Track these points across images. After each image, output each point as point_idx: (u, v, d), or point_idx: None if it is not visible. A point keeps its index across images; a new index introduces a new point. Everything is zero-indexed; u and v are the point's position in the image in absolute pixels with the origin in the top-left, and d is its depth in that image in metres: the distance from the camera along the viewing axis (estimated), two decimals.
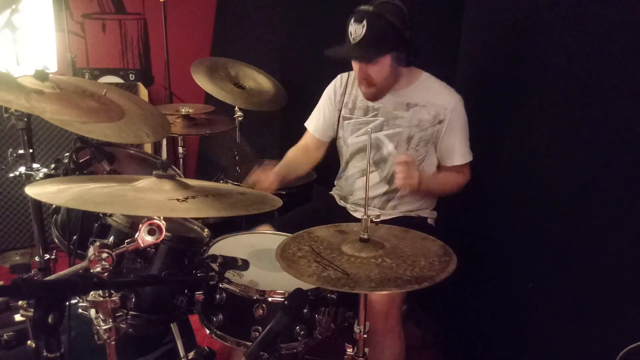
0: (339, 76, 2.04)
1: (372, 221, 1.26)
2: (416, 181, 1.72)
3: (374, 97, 1.87)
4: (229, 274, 1.47)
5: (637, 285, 1.30)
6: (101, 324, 1.18)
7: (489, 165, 1.98)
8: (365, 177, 1.94)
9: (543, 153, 1.68)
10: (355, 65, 1.82)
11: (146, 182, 1.33)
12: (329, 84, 2.07)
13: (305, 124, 2.12)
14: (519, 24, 1.82)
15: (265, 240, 1.78)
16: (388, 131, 1.89)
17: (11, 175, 1.83)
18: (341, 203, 2.09)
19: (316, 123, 2.08)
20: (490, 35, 2.04)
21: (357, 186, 2.01)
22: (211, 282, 1.43)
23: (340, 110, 1.98)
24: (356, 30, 1.69)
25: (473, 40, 2.17)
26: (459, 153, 1.89)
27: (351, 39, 1.71)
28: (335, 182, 2.16)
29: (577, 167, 1.52)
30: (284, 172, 2.01)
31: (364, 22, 1.67)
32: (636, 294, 1.30)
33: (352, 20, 1.70)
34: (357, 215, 2.01)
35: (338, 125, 2.00)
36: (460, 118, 1.87)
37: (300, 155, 2.10)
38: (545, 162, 1.67)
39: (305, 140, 2.13)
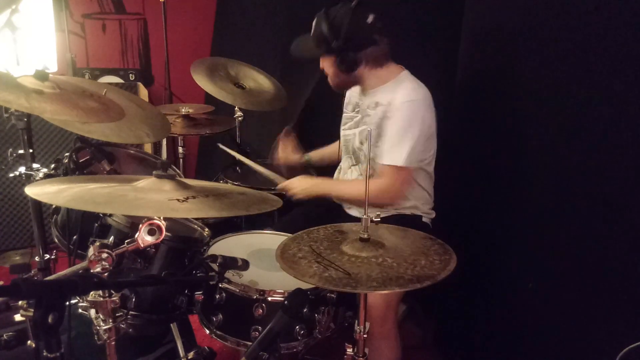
0: None
1: (372, 220, 1.26)
2: (297, 189, 1.90)
3: (333, 86, 1.95)
4: (228, 274, 1.47)
5: (637, 285, 1.30)
6: (101, 324, 1.18)
7: (488, 165, 1.98)
8: (350, 173, 2.02)
9: (542, 153, 1.68)
10: None
11: (146, 182, 1.33)
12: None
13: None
14: (518, 25, 1.82)
15: (265, 240, 1.79)
16: (360, 128, 1.96)
17: (11, 175, 1.83)
18: (337, 200, 2.09)
19: None
20: (490, 37, 2.04)
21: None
22: (211, 282, 1.43)
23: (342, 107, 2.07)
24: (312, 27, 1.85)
25: (473, 42, 2.16)
26: (388, 151, 1.79)
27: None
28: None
29: (576, 166, 1.52)
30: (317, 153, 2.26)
31: (315, 21, 1.83)
32: (636, 294, 1.30)
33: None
34: (351, 212, 2.02)
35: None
36: (400, 115, 1.77)
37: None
38: (544, 162, 1.67)
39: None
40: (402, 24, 2.28)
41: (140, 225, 1.26)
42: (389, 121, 1.81)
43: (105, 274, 1.19)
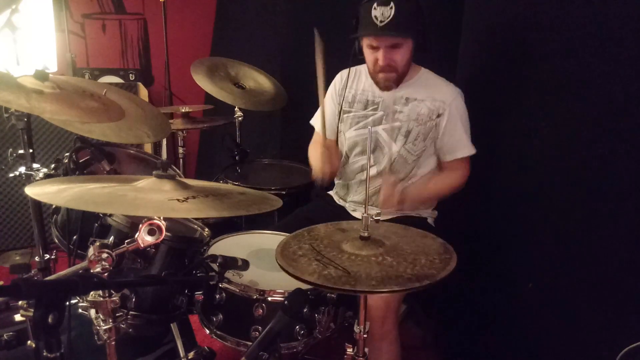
0: (339, 74, 2.05)
1: (372, 219, 1.25)
2: (395, 200, 1.77)
3: (391, 85, 1.88)
4: (228, 274, 1.47)
5: (637, 285, 1.30)
6: (101, 324, 1.18)
7: (489, 164, 1.97)
8: (364, 173, 1.97)
9: (543, 152, 1.68)
10: (376, 54, 1.81)
11: (146, 182, 1.34)
12: (329, 83, 2.07)
13: (311, 122, 2.13)
14: (518, 23, 1.82)
15: (265, 240, 1.78)
16: (387, 125, 1.91)
17: (11, 175, 1.84)
18: (340, 202, 2.09)
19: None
20: (490, 35, 2.04)
21: (356, 182, 2.02)
22: (211, 282, 1.43)
23: (341, 105, 2.00)
24: (383, 12, 1.72)
25: (473, 40, 2.17)
26: (461, 146, 1.90)
27: (377, 22, 1.73)
28: (335, 180, 2.15)
29: (577, 166, 1.52)
30: None
31: (392, 4, 1.70)
32: (636, 294, 1.30)
33: (376, 4, 1.72)
34: (356, 214, 2.00)
35: (339, 119, 2.01)
36: (460, 111, 1.88)
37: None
38: (545, 161, 1.67)
39: (315, 137, 2.14)
40: None
41: (140, 225, 1.26)
42: (453, 117, 1.86)
43: (105, 274, 1.19)
